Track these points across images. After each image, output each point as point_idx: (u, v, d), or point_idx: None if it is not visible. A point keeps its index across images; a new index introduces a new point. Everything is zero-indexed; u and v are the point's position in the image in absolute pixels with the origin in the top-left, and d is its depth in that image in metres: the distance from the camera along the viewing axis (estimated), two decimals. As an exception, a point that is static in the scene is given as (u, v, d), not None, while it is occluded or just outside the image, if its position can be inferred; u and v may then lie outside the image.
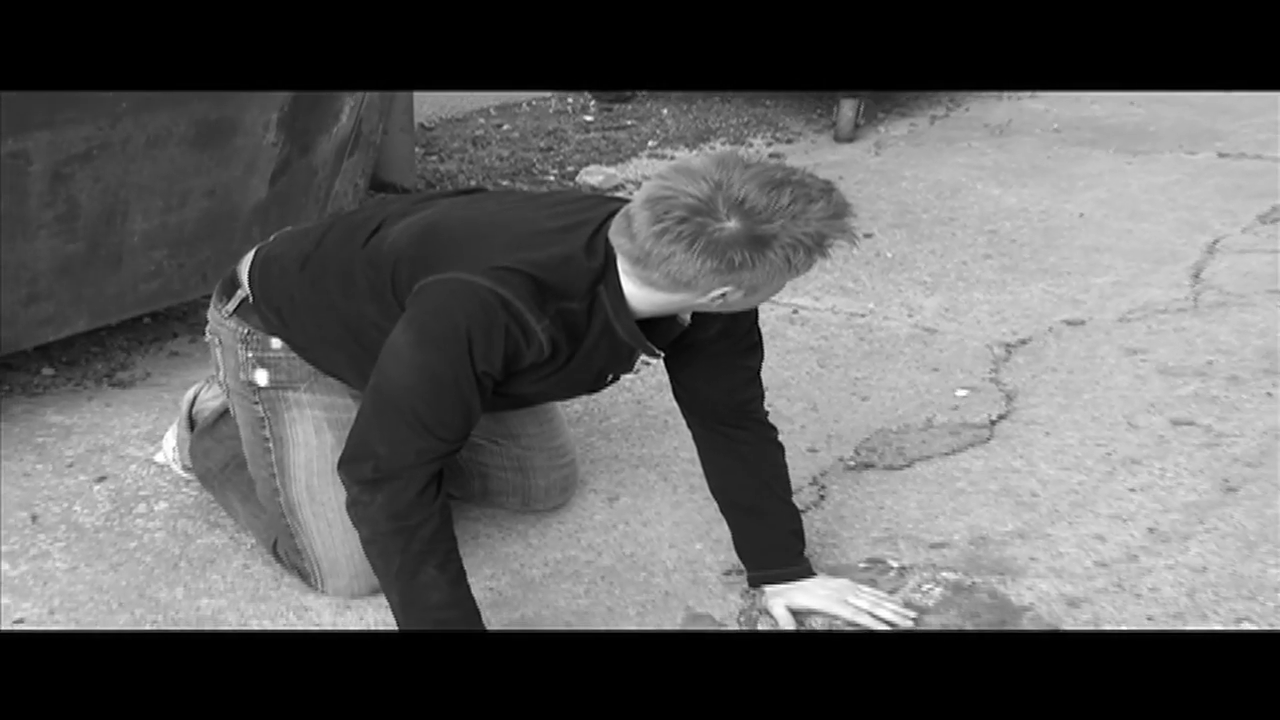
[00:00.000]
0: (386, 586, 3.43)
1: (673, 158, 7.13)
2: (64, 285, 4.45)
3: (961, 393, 4.95)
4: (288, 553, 3.84)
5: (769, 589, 3.79)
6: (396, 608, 3.42)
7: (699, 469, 4.10)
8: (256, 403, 3.75)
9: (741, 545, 3.85)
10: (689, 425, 3.85)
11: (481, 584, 3.87)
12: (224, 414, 4.10)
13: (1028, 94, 8.35)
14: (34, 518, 4.12)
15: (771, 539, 3.82)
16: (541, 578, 3.93)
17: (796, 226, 3.10)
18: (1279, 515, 4.24)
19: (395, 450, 3.33)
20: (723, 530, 3.99)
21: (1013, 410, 4.84)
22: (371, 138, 5.07)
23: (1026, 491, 4.37)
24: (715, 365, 3.68)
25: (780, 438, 3.98)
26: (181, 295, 4.81)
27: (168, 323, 5.07)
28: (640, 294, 3.31)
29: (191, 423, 4.17)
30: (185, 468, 4.22)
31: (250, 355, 3.74)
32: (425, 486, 3.34)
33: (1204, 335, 5.37)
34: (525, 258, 3.31)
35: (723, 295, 3.22)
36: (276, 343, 3.72)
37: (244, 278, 3.78)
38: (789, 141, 7.40)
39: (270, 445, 3.78)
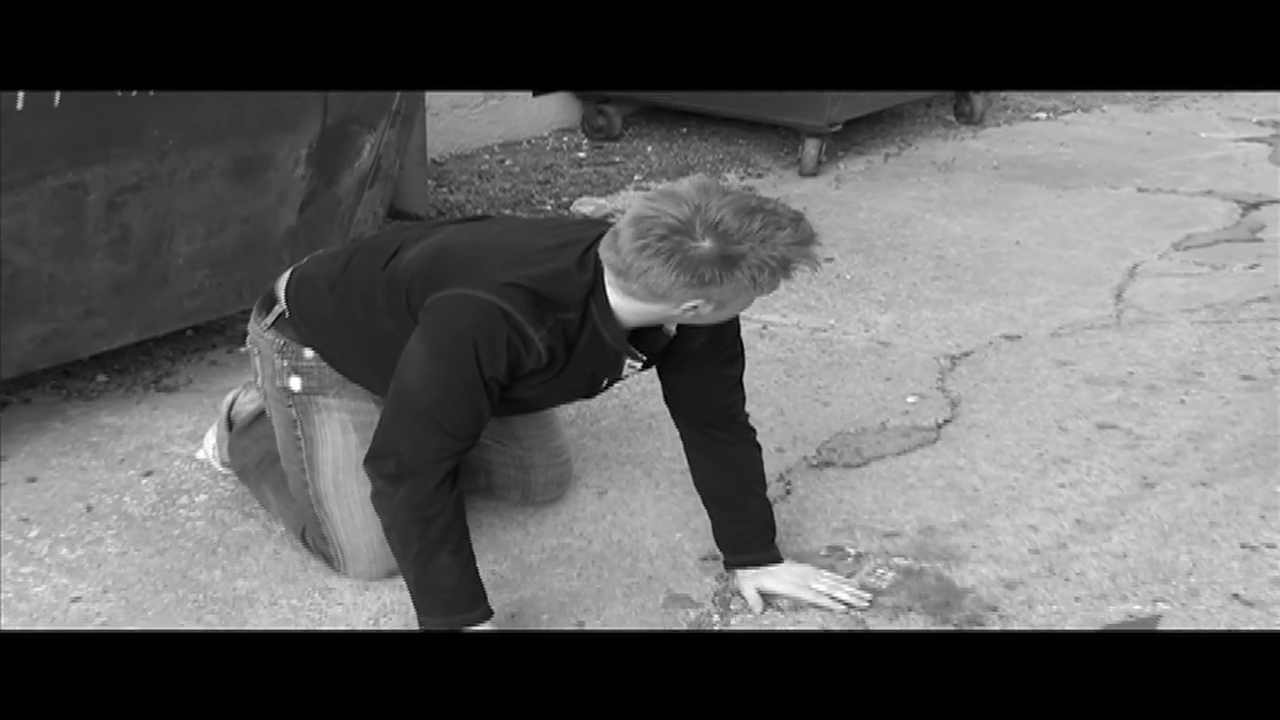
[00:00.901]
0: (404, 569, 3.45)
1: (655, 189, 7.13)
2: (116, 302, 4.46)
3: (911, 399, 4.95)
4: (314, 539, 3.85)
5: (741, 572, 3.81)
6: (412, 587, 3.44)
7: (680, 465, 4.10)
8: (290, 406, 3.77)
9: (720, 533, 3.86)
10: (677, 426, 3.86)
11: (486, 568, 3.85)
12: (259, 416, 4.12)
13: (970, 134, 8.35)
14: (89, 508, 4.12)
15: (746, 529, 3.83)
16: (539, 562, 3.94)
17: (764, 250, 3.13)
18: (1191, 508, 4.27)
19: (415, 449, 3.36)
20: (700, 521, 4.00)
21: (957, 415, 4.85)
22: (389, 171, 5.07)
23: (969, 487, 4.39)
24: (701, 373, 3.70)
25: (755, 438, 4.01)
26: (220, 311, 4.81)
27: (208, 335, 5.07)
28: (624, 304, 3.34)
29: (230, 423, 4.18)
30: (223, 464, 4.22)
31: (285, 364, 3.76)
32: (442, 481, 3.37)
33: (1125, 349, 5.38)
34: (524, 273, 3.34)
35: (695, 307, 3.25)
36: (309, 353, 3.74)
37: (281, 295, 3.80)
38: (759, 176, 7.40)
39: (301, 444, 3.79)
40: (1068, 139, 8.30)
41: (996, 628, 3.68)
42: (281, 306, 3.79)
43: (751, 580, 3.80)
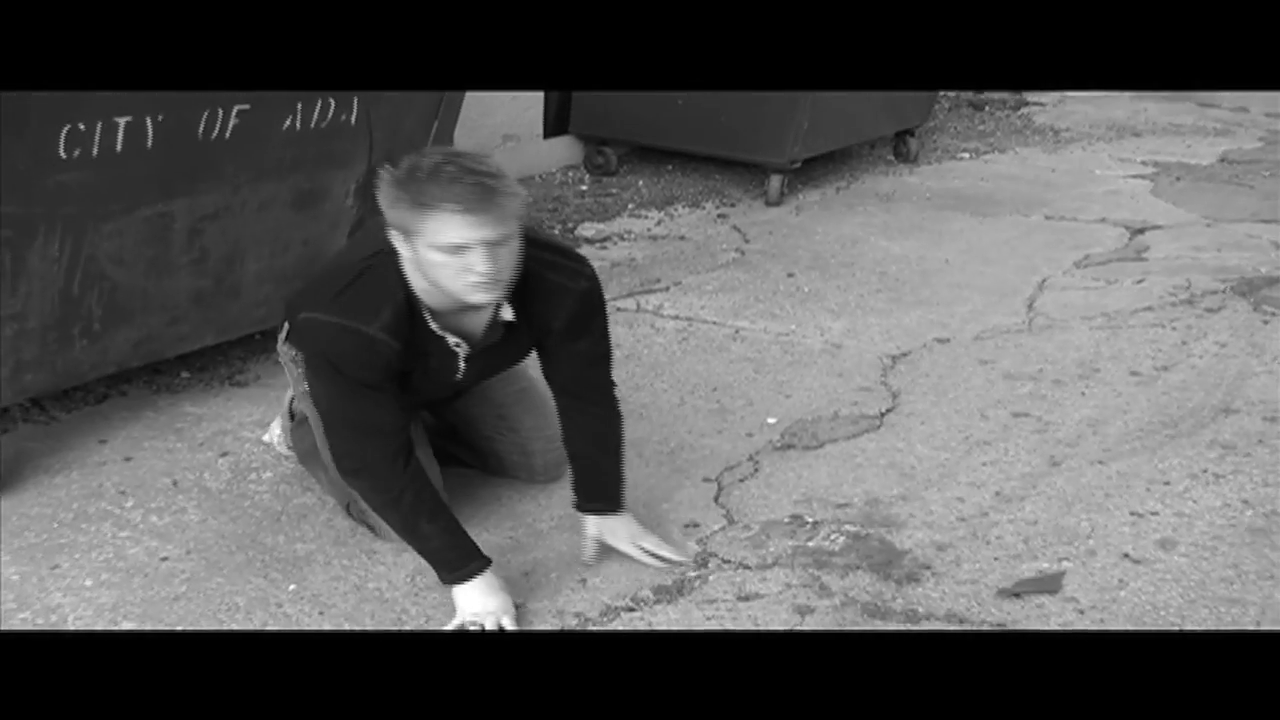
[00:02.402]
0: (399, 536, 3.50)
1: (646, 216, 7.11)
2: (197, 311, 4.44)
3: (859, 392, 4.93)
4: (356, 513, 3.83)
5: (591, 519, 3.76)
6: (420, 554, 3.48)
7: (665, 448, 4.10)
8: (313, 405, 3.71)
9: (577, 485, 3.80)
10: (553, 395, 3.80)
11: (504, 533, 3.86)
12: None
13: (907, 171, 8.35)
14: (175, 483, 4.10)
15: (602, 484, 3.78)
16: (547, 529, 3.92)
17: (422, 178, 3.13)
18: (1089, 483, 4.27)
19: (350, 452, 3.41)
20: (682, 494, 4.00)
21: (897, 405, 4.82)
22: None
23: (907, 465, 4.37)
24: (564, 354, 3.64)
25: (724, 424, 3.97)
26: (283, 319, 4.79)
27: (273, 338, 5.03)
28: (418, 281, 3.30)
29: (291, 415, 4.15)
30: (288, 447, 4.20)
31: (300, 371, 3.70)
32: (393, 464, 3.38)
33: (1036, 350, 5.37)
34: (345, 283, 3.33)
35: (412, 248, 3.20)
36: None
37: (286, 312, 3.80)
38: (732, 205, 7.38)
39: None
40: (987, 175, 8.31)
41: (930, 584, 3.67)
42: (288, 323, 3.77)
43: (596, 527, 3.76)
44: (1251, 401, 4.92)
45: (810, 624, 3.45)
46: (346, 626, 3.40)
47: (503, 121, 7.51)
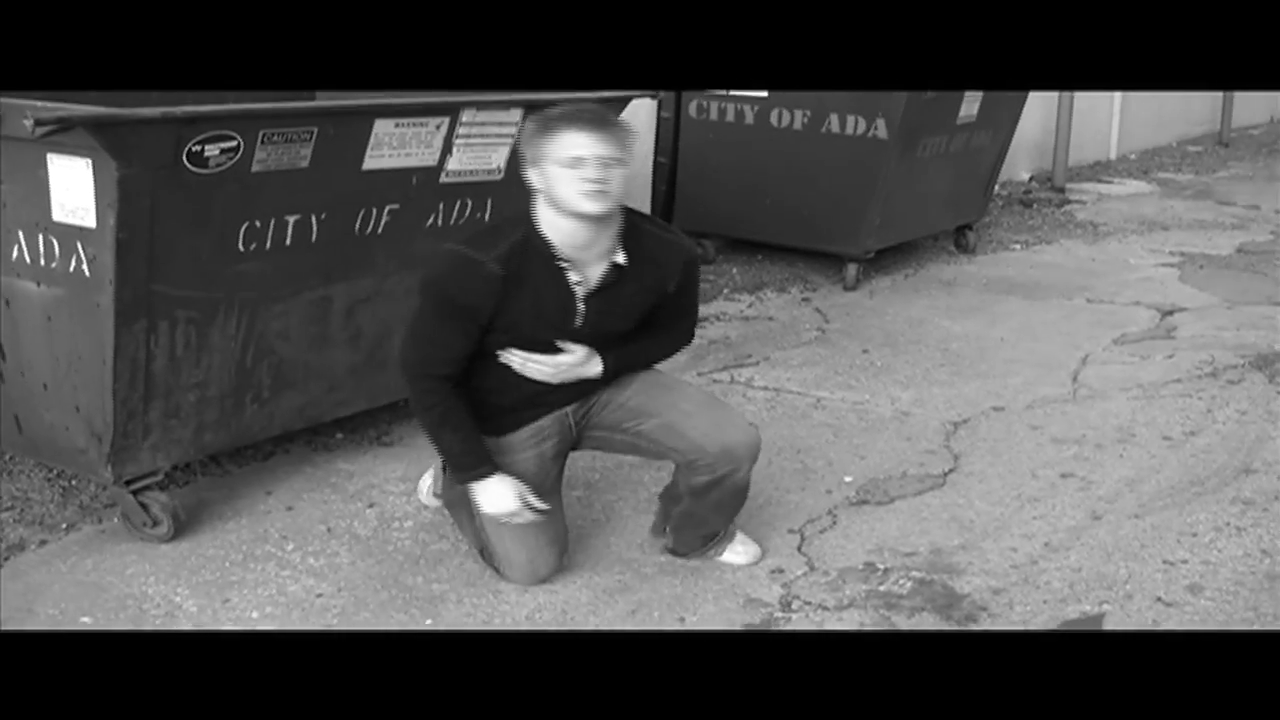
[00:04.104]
0: (428, 435, 3.63)
1: (739, 300, 7.05)
2: (351, 380, 4.42)
3: (925, 454, 4.83)
4: (488, 554, 3.77)
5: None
6: (442, 456, 3.71)
7: (757, 503, 4.00)
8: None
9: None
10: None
11: (612, 576, 3.80)
12: None
13: (966, 260, 8.23)
14: (329, 530, 4.06)
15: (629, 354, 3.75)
16: (652, 573, 3.85)
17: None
18: (1127, 535, 4.17)
19: (418, 360, 3.52)
20: (770, 543, 3.92)
21: (958, 466, 4.72)
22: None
23: (966, 519, 4.27)
24: (669, 310, 3.70)
25: (806, 482, 3.92)
26: (426, 387, 4.79)
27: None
28: (546, 215, 3.43)
29: (445, 466, 4.09)
30: (435, 495, 4.11)
31: None
32: (441, 383, 3.50)
33: (1079, 417, 5.25)
34: (480, 231, 3.69)
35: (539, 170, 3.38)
36: None
37: None
38: (814, 290, 7.30)
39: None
40: (1036, 264, 8.19)
41: (987, 624, 3.58)
42: None
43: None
44: (1269, 462, 4.80)
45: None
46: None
47: (616, 218, 7.49)
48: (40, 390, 3.83)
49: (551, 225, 3.41)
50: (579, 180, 3.28)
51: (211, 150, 3.63)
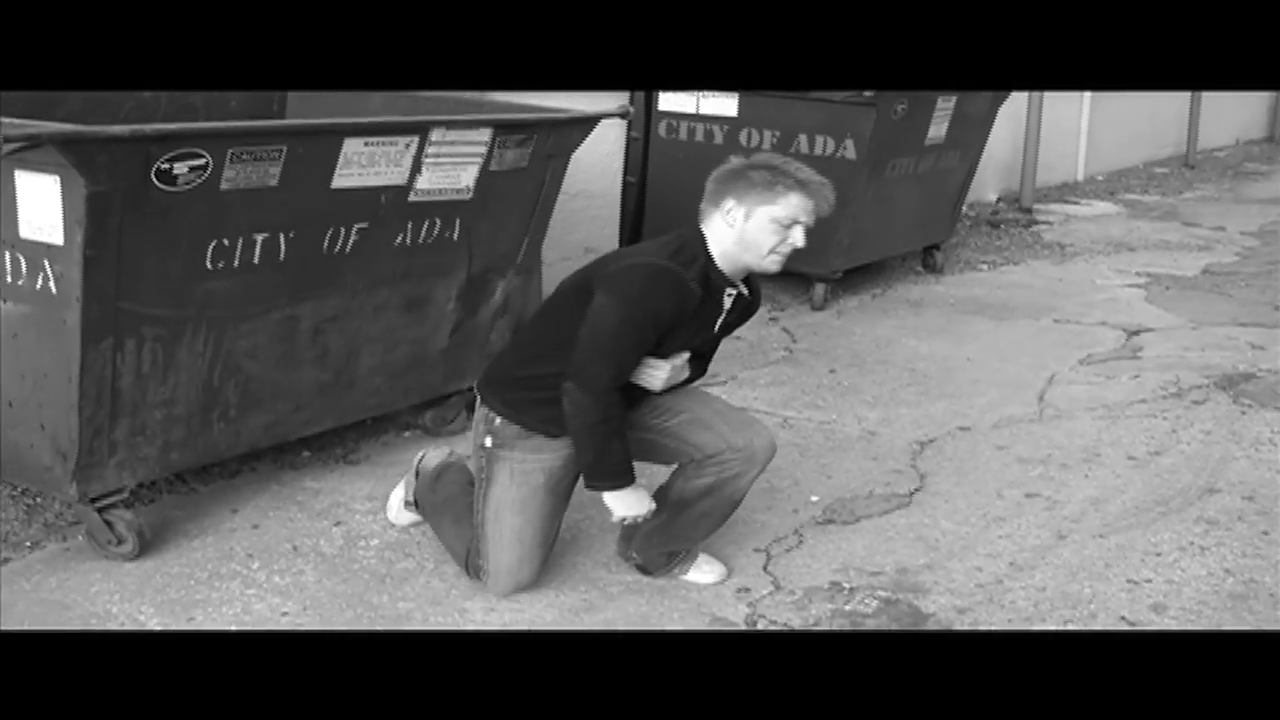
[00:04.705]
0: (583, 449, 3.60)
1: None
2: (318, 400, 4.43)
3: (891, 474, 4.86)
4: (473, 558, 3.80)
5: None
6: (589, 462, 3.61)
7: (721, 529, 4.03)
8: (481, 456, 3.75)
9: None
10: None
11: (578, 595, 3.81)
12: (448, 468, 4.08)
13: (933, 280, 8.26)
14: (295, 548, 4.07)
15: None
16: (618, 593, 3.87)
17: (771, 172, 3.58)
18: (1092, 554, 4.20)
19: (607, 374, 3.50)
20: (736, 562, 3.92)
21: (924, 485, 4.75)
22: (514, 306, 5.01)
23: (932, 539, 4.30)
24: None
25: (773, 501, 3.93)
26: (392, 406, 4.79)
27: (383, 423, 5.02)
28: (714, 242, 3.62)
29: (417, 473, 4.11)
30: (406, 503, 4.15)
31: (484, 427, 3.74)
32: (616, 394, 3.53)
33: (1045, 437, 5.29)
34: (667, 248, 3.62)
35: (729, 210, 3.58)
36: (498, 419, 3.72)
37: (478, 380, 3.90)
38: (782, 309, 7.32)
39: (482, 483, 3.76)
40: (1003, 284, 8.24)
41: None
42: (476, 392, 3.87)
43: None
44: (1232, 483, 4.84)
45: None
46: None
47: (583, 238, 7.47)
48: (5, 408, 3.83)
49: (725, 254, 3.62)
50: (782, 242, 3.56)
51: (180, 168, 3.64)
